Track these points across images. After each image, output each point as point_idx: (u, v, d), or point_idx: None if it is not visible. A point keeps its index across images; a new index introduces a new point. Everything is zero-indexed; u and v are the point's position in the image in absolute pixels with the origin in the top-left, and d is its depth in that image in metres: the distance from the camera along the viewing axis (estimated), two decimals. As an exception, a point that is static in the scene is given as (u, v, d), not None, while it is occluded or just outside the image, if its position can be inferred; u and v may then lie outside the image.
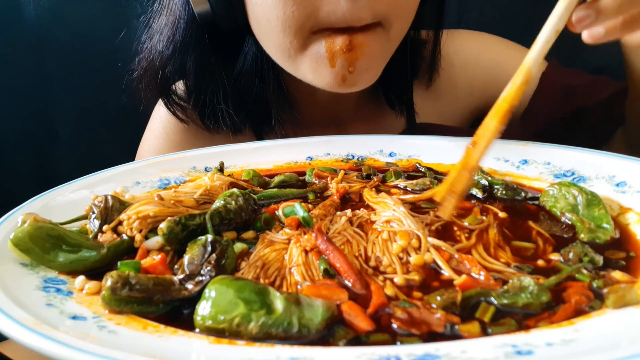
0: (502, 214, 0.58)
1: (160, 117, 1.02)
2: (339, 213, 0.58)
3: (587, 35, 0.52)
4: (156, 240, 0.51)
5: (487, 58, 1.04)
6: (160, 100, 1.03)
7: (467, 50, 1.04)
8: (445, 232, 0.54)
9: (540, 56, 0.48)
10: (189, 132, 0.99)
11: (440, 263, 0.48)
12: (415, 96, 1.03)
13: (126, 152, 1.05)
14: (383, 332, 0.39)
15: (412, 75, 1.00)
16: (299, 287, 0.46)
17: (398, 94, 0.99)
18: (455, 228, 0.54)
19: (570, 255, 0.49)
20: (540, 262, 0.49)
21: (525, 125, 0.96)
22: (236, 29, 0.83)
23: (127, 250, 0.52)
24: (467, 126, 1.05)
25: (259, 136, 0.99)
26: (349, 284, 0.46)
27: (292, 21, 0.71)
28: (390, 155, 0.83)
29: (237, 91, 0.90)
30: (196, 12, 0.82)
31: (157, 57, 0.91)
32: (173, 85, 0.97)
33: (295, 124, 0.97)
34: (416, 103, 1.03)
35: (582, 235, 0.53)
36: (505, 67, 1.02)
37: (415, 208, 0.60)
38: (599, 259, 0.48)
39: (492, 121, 0.48)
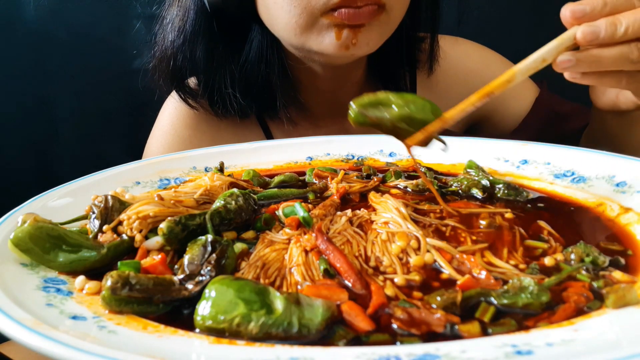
0: (508, 215, 0.58)
1: (169, 114, 1.05)
2: (339, 213, 0.58)
3: (567, 75, 0.58)
4: (156, 240, 0.51)
5: (488, 73, 1.08)
6: (168, 97, 1.07)
7: (471, 61, 1.09)
8: (448, 233, 0.54)
9: (526, 69, 0.55)
10: (197, 127, 1.03)
11: (442, 263, 0.48)
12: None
13: (126, 152, 1.05)
14: (383, 332, 0.39)
15: (413, 67, 1.05)
16: (299, 287, 0.46)
17: (396, 83, 1.04)
18: (460, 231, 0.54)
19: (572, 255, 0.49)
20: (547, 261, 0.49)
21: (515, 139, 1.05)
22: (243, 16, 0.89)
23: (127, 250, 0.52)
24: (462, 132, 1.11)
25: (264, 122, 1.03)
26: (349, 284, 0.46)
27: (298, 1, 0.78)
28: (390, 155, 0.83)
29: (244, 76, 0.94)
30: (207, 0, 0.87)
31: (169, 46, 0.96)
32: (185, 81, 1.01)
33: (299, 108, 1.00)
34: None
35: None
36: None
37: (417, 210, 0.59)
38: (604, 260, 0.48)
39: (474, 96, 0.56)
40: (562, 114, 1.04)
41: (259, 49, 0.92)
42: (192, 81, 1.02)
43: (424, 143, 0.59)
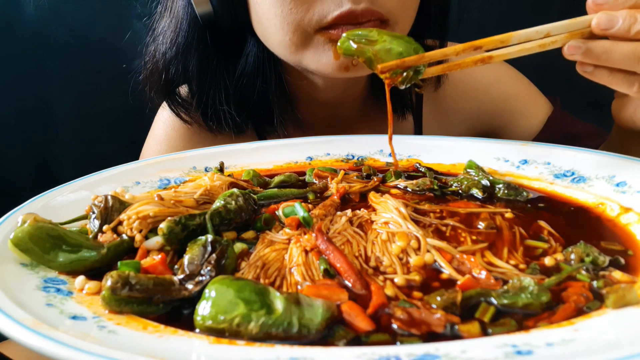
0: (508, 215, 0.58)
1: (164, 124, 1.02)
2: (339, 213, 0.58)
3: (578, 67, 0.56)
4: (156, 240, 0.51)
5: (498, 90, 1.04)
6: (162, 106, 1.03)
7: (481, 75, 1.04)
8: (448, 233, 0.54)
9: (525, 36, 0.55)
10: (191, 138, 1.00)
11: (442, 263, 0.48)
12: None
13: (126, 152, 1.05)
14: (383, 332, 0.39)
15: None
16: (299, 287, 0.46)
17: (400, 97, 0.98)
18: (460, 231, 0.54)
19: (572, 255, 0.49)
20: (547, 261, 0.49)
21: None
22: (237, 29, 0.85)
23: (127, 250, 0.52)
24: None
25: (261, 137, 1.00)
26: (349, 284, 0.46)
27: (290, 18, 0.74)
28: (390, 155, 0.83)
29: (239, 92, 0.91)
30: (198, 13, 0.83)
31: (160, 58, 0.92)
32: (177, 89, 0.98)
33: (297, 125, 0.97)
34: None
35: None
36: (512, 103, 1.03)
37: (417, 210, 0.59)
38: (604, 260, 0.48)
39: (460, 45, 0.56)
40: (576, 135, 0.98)
41: (255, 63, 0.88)
42: (184, 89, 0.98)
43: (397, 75, 0.60)
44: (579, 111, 1.05)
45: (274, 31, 0.78)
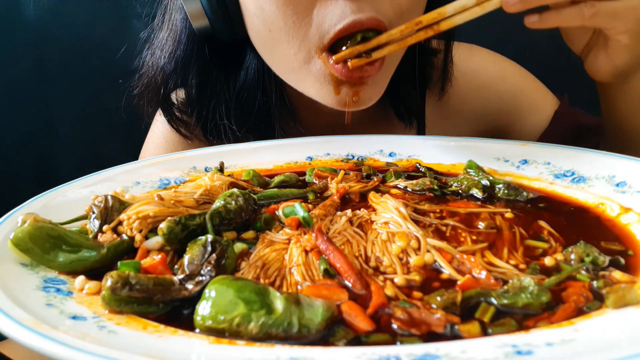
0: (508, 215, 0.58)
1: (162, 125, 1.01)
2: (339, 213, 0.58)
3: (526, 21, 0.58)
4: (156, 240, 0.51)
5: (504, 86, 1.02)
6: (158, 112, 1.02)
7: (486, 73, 1.02)
8: (448, 233, 0.54)
9: (460, 5, 0.61)
10: (191, 144, 0.98)
11: (442, 263, 0.48)
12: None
13: (126, 152, 1.05)
14: (383, 332, 0.39)
15: (423, 86, 0.98)
16: (299, 287, 0.46)
17: (407, 105, 0.96)
18: (460, 230, 0.54)
19: (572, 255, 0.49)
20: (548, 261, 0.49)
21: None
22: (237, 42, 0.83)
23: (127, 250, 0.52)
24: None
25: None
26: (349, 284, 0.46)
27: (294, 31, 0.70)
28: (390, 155, 0.83)
29: (240, 105, 0.89)
30: (195, 28, 0.81)
31: (159, 72, 0.90)
32: (173, 95, 0.96)
33: (298, 134, 0.95)
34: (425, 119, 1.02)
35: None
36: (519, 99, 1.01)
37: (417, 210, 0.59)
38: (604, 260, 0.48)
39: (403, 25, 0.62)
40: (588, 127, 0.95)
41: (255, 76, 0.86)
42: (180, 96, 0.96)
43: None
44: (583, 109, 1.04)
45: (277, 44, 0.73)
